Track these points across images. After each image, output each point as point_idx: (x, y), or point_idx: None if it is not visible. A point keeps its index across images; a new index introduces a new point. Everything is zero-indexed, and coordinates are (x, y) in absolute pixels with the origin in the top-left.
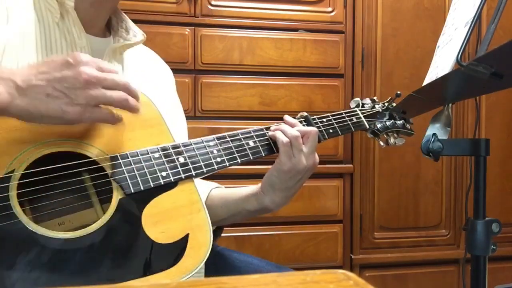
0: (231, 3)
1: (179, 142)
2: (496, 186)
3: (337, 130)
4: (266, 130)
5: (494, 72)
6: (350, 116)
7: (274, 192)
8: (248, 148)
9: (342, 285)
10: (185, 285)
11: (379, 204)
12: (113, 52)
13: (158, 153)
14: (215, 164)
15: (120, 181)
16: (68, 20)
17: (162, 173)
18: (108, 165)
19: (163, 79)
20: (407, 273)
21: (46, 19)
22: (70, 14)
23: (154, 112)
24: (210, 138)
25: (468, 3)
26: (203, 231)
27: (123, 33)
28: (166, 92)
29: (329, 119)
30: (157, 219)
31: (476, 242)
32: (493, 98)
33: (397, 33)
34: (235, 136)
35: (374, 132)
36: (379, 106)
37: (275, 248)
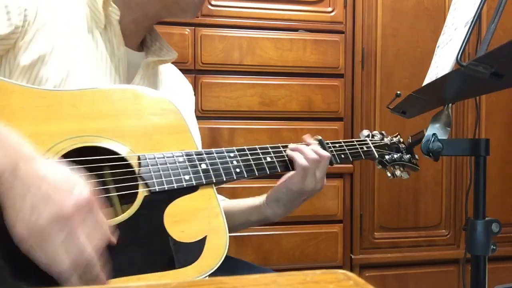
0: (231, 3)
1: (202, 150)
2: (496, 186)
3: (348, 156)
4: (283, 148)
5: (494, 72)
6: (361, 145)
7: (279, 207)
8: (265, 163)
9: (342, 285)
10: (185, 285)
11: (379, 204)
12: (147, 66)
13: (183, 158)
14: (234, 174)
15: (146, 178)
16: (110, 31)
17: (185, 176)
18: (136, 163)
19: (185, 96)
20: (407, 273)
21: (91, 27)
22: (114, 26)
23: (181, 120)
24: (231, 149)
25: (468, 3)
26: (220, 235)
27: (157, 50)
28: (186, 108)
29: (341, 145)
30: (178, 218)
31: (476, 242)
32: (493, 98)
33: (397, 33)
34: (253, 150)
35: (382, 162)
36: (388, 139)
37: (275, 248)
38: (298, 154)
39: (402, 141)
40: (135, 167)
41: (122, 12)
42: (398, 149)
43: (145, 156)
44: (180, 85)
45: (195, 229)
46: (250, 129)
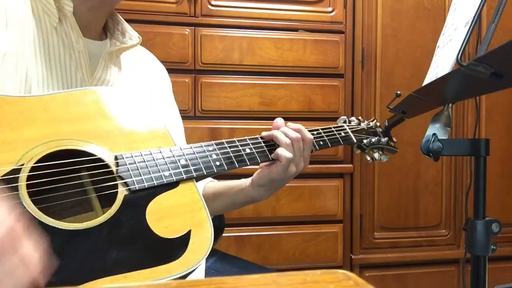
0: (231, 3)
1: (179, 146)
2: (496, 186)
3: (327, 142)
4: (261, 139)
5: (494, 72)
6: (339, 131)
7: (264, 190)
8: (245, 154)
9: (342, 285)
10: (185, 285)
11: (379, 204)
12: (110, 55)
13: (161, 155)
14: (215, 167)
15: (125, 177)
16: (66, 24)
17: (164, 172)
18: (113, 162)
19: (159, 80)
20: (407, 273)
21: (44, 23)
22: (68, 19)
23: (156, 118)
24: (209, 143)
25: (468, 3)
26: (204, 228)
27: (119, 36)
28: (162, 93)
29: (319, 132)
30: (160, 215)
31: (476, 242)
32: (493, 98)
33: (397, 33)
34: (232, 142)
35: (361, 146)
36: (364, 124)
37: (275, 248)
38: (281, 149)
39: (378, 124)
40: (112, 167)
41: (76, 2)
42: (375, 133)
43: (122, 155)
44: (152, 70)
45: (179, 224)
46: (250, 129)
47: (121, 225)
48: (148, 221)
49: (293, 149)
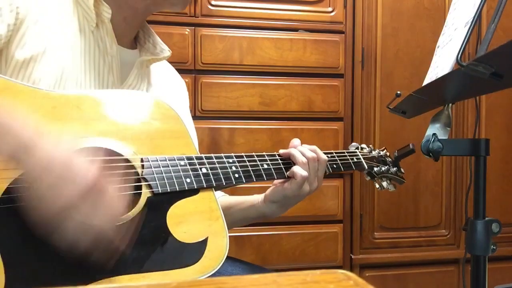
0: (231, 3)
1: (202, 155)
2: (496, 186)
3: (340, 166)
4: (278, 156)
5: (494, 72)
6: (351, 156)
7: (276, 207)
8: (262, 170)
9: (342, 285)
10: (185, 285)
11: (379, 204)
12: (141, 64)
13: (184, 161)
14: (234, 179)
15: (149, 180)
16: (102, 30)
17: (186, 179)
18: (139, 165)
19: (179, 94)
20: (407, 273)
21: (83, 26)
22: (105, 25)
23: (181, 126)
24: (230, 156)
25: (468, 3)
26: (220, 237)
27: (150, 47)
28: (181, 107)
29: (333, 155)
30: (180, 220)
31: (476, 242)
32: (493, 98)
33: (397, 33)
34: (251, 157)
35: (371, 174)
36: (375, 152)
37: (275, 248)
38: (296, 167)
39: (388, 154)
40: (138, 169)
41: (113, 10)
42: (385, 162)
43: (148, 158)
44: (174, 82)
45: (197, 230)
46: (250, 129)
47: (143, 225)
48: (168, 225)
49: (308, 168)
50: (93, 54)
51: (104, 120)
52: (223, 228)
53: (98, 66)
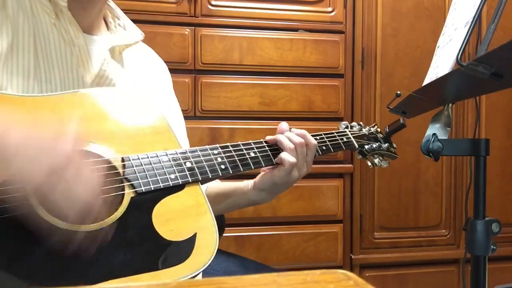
0: (231, 3)
1: (186, 149)
2: (496, 186)
3: (329, 147)
4: (265, 143)
5: (494, 72)
6: (341, 136)
7: (265, 194)
8: (249, 158)
9: (342, 285)
10: (185, 285)
11: (379, 204)
12: (112, 51)
13: (167, 157)
14: (219, 170)
15: (132, 179)
16: (63, 20)
17: (170, 175)
18: (120, 165)
19: (160, 77)
20: (407, 273)
21: (43, 20)
22: (65, 14)
23: (162, 119)
24: (215, 147)
25: (468, 3)
26: (209, 232)
27: (121, 31)
28: (164, 90)
29: (321, 137)
30: (166, 217)
31: (476, 242)
32: (493, 98)
33: (397, 33)
34: (237, 146)
35: (362, 152)
36: (366, 129)
37: (275, 248)
38: (284, 153)
39: (379, 130)
40: (119, 169)
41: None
42: (376, 139)
43: (128, 157)
44: (152, 65)
45: (184, 227)
46: (250, 129)
47: (128, 228)
48: (154, 224)
49: (296, 154)
50: (59, 47)
51: (80, 121)
52: (212, 222)
53: (66, 59)
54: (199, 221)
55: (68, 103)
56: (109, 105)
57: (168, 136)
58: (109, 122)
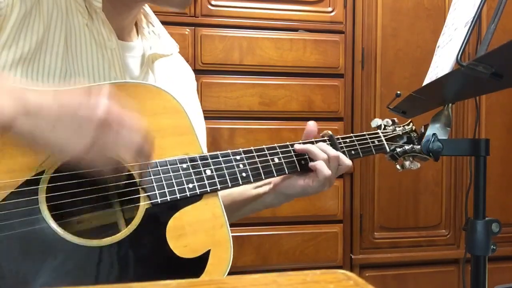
0: (231, 3)
1: (207, 154)
2: (496, 186)
3: (359, 152)
4: (291, 147)
5: (494, 72)
6: (372, 138)
7: (286, 199)
8: (273, 165)
9: (342, 285)
10: (185, 285)
11: (379, 204)
12: (147, 59)
13: (187, 164)
14: (240, 179)
15: (148, 190)
16: (97, 21)
17: (189, 185)
18: (137, 172)
19: (187, 84)
20: (407, 273)
21: (77, 20)
22: (99, 15)
23: (185, 120)
24: (238, 152)
25: (468, 3)
26: (224, 248)
27: (155, 39)
28: (190, 98)
29: (352, 139)
30: (180, 232)
31: (476, 242)
32: (493, 98)
33: (397, 33)
34: (261, 151)
35: (393, 156)
36: (400, 129)
37: (275, 248)
38: (321, 163)
39: (414, 129)
40: (136, 177)
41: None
42: (409, 139)
43: (146, 165)
44: (181, 73)
45: (198, 243)
46: (250, 129)
47: (140, 242)
48: (167, 239)
49: (329, 166)
50: (90, 49)
51: None
52: (227, 237)
53: (97, 62)
54: (215, 236)
55: None
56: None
57: (191, 139)
58: None
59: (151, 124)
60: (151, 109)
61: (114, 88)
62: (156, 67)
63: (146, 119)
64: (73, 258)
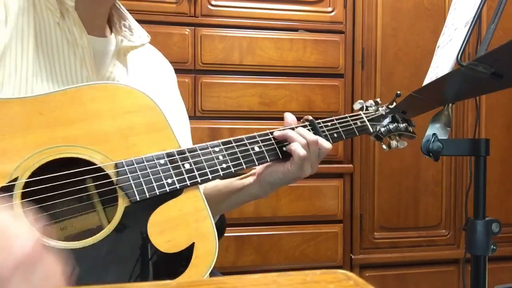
0: (231, 3)
1: (184, 148)
2: (496, 186)
3: (341, 135)
4: (271, 135)
5: (494, 72)
6: (355, 120)
7: (271, 188)
8: (253, 153)
9: (342, 285)
10: (185, 285)
11: (379, 204)
12: (117, 53)
13: (164, 160)
14: (221, 170)
15: (126, 188)
16: (68, 20)
17: (167, 180)
18: (113, 172)
19: (165, 78)
20: (407, 273)
21: (47, 19)
22: (71, 14)
23: (159, 116)
24: (216, 143)
25: (468, 3)
26: (208, 240)
27: (127, 33)
28: (169, 91)
29: (333, 122)
30: (162, 227)
31: (476, 242)
32: (493, 98)
33: (397, 33)
34: (240, 141)
35: (378, 136)
36: (383, 109)
37: (275, 248)
38: (296, 144)
39: (395, 105)
40: (112, 176)
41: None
42: (393, 117)
43: (122, 163)
44: (157, 67)
45: (182, 236)
46: (250, 129)
47: (121, 241)
48: (149, 235)
49: (308, 150)
50: (62, 48)
51: (71, 123)
52: (211, 229)
53: (69, 60)
54: (198, 229)
55: (57, 103)
56: (101, 102)
57: (166, 134)
58: (101, 122)
59: (123, 123)
60: (122, 108)
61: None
62: (130, 60)
63: (118, 118)
64: None
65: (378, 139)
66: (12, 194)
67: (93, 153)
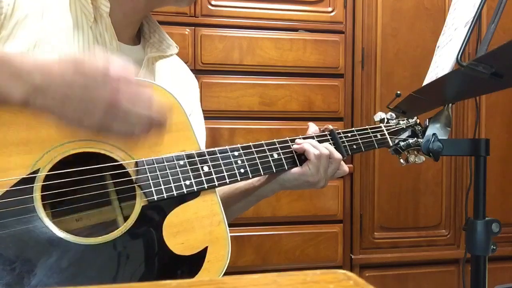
0: (231, 3)
1: (204, 150)
2: (496, 186)
3: (360, 146)
4: (291, 142)
5: (494, 72)
6: (375, 132)
7: (280, 187)
8: (271, 160)
9: (342, 285)
10: (185, 285)
11: (379, 204)
12: (146, 61)
13: (183, 161)
14: (238, 176)
15: (144, 187)
16: (101, 25)
17: (185, 181)
18: (133, 170)
19: (189, 90)
20: (407, 273)
21: (81, 22)
22: (104, 19)
23: (182, 116)
24: (236, 148)
25: (468, 3)
26: (222, 245)
27: (156, 42)
28: (191, 104)
29: (353, 134)
30: (177, 229)
31: (476, 242)
32: (493, 98)
33: (397, 33)
34: (260, 146)
35: (397, 150)
36: (404, 122)
37: (275, 248)
38: (308, 145)
39: (419, 122)
40: (132, 174)
41: (112, 5)
42: (414, 132)
43: (143, 161)
44: (183, 78)
45: (195, 240)
46: (250, 129)
47: (137, 240)
48: (164, 236)
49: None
50: (92, 51)
51: None
52: (225, 234)
53: None
54: (212, 233)
55: None
56: None
57: (187, 135)
58: None
59: None
60: None
61: None
62: (157, 68)
63: None
64: (68, 256)
65: (396, 153)
66: (33, 187)
67: (115, 149)
